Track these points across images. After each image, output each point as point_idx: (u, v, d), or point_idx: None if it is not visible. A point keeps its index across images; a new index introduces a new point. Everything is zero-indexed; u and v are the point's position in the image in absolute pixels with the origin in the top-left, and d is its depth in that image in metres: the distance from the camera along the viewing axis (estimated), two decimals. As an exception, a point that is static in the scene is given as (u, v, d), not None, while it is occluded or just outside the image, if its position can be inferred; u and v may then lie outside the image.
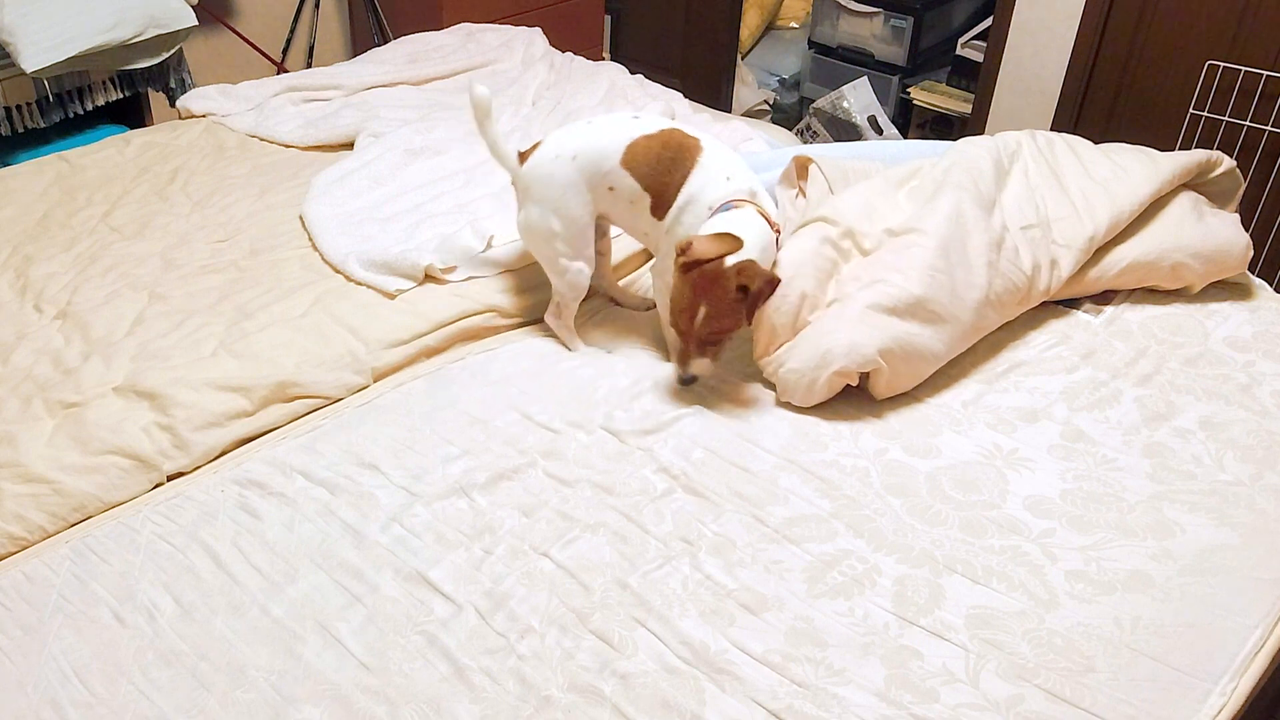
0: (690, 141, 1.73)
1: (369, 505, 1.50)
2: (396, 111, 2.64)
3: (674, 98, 2.81)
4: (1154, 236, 1.93)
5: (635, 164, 1.73)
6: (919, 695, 1.22)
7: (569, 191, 1.74)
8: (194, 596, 1.36)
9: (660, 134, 1.74)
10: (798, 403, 1.68)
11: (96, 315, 1.89)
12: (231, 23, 3.59)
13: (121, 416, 1.63)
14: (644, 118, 1.78)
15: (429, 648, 1.28)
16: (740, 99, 4.19)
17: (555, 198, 1.75)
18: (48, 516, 1.50)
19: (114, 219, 2.24)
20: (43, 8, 2.70)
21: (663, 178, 1.71)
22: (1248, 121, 2.79)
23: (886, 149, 2.28)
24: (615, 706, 1.21)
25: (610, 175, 1.74)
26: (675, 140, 1.73)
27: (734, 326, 1.62)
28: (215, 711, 1.21)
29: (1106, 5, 3.01)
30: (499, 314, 1.94)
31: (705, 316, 1.58)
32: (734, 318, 1.60)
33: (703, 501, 1.50)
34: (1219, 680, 1.24)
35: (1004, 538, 1.44)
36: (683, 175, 1.71)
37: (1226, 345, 1.83)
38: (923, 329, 1.69)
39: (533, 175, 1.76)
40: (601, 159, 1.73)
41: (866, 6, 3.94)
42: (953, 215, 1.78)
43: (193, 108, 2.76)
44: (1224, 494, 1.51)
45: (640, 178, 1.73)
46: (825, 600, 1.34)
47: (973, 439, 1.63)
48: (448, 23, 3.35)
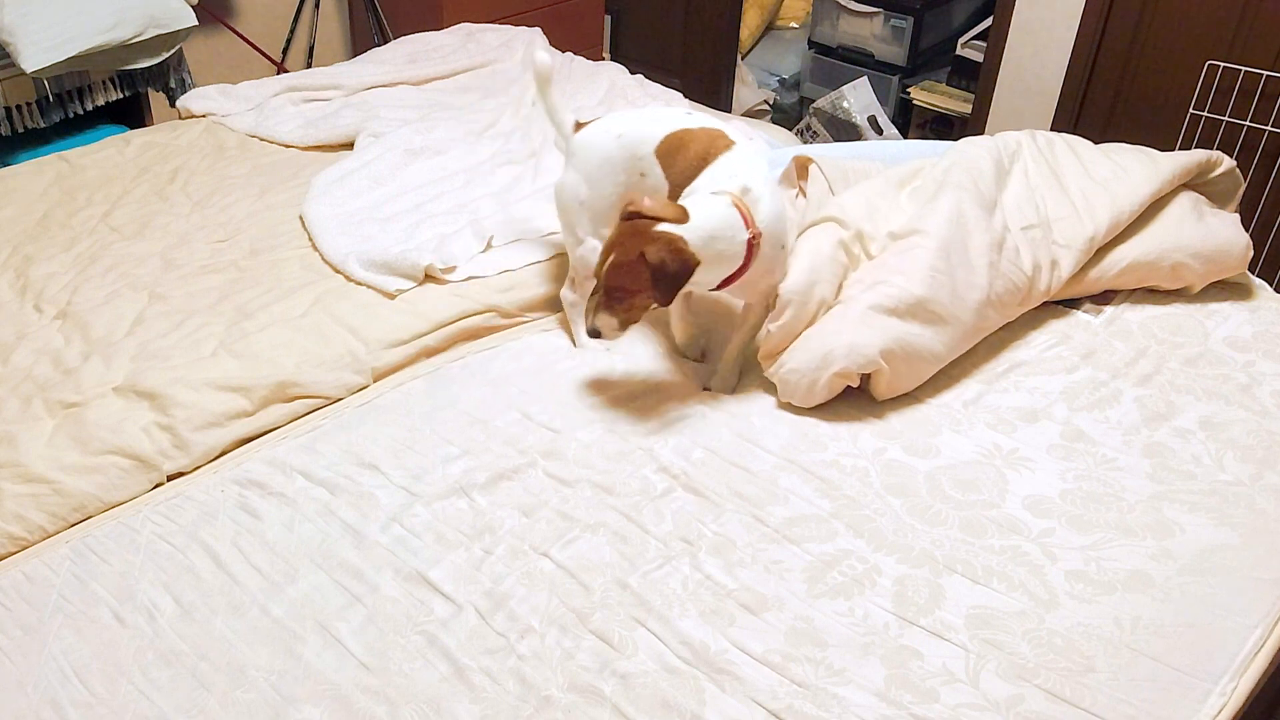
0: (723, 142, 1.71)
1: (369, 505, 1.50)
2: (396, 111, 2.64)
3: (674, 98, 2.81)
4: (1154, 236, 1.93)
5: (666, 155, 1.74)
6: (919, 695, 1.22)
7: (605, 166, 1.79)
8: (194, 596, 1.36)
9: (700, 131, 1.75)
10: (799, 403, 1.68)
11: (96, 315, 1.89)
12: (231, 23, 3.59)
13: (121, 416, 1.63)
14: (696, 115, 1.80)
15: (429, 648, 1.28)
16: (740, 99, 4.19)
17: (592, 168, 1.80)
18: (48, 516, 1.50)
19: (114, 219, 2.24)
20: (43, 8, 2.70)
21: (686, 172, 1.72)
22: (1248, 121, 2.79)
23: (886, 149, 2.28)
24: (615, 706, 1.21)
25: (644, 161, 1.76)
26: (708, 138, 1.73)
27: (635, 289, 1.54)
28: (215, 711, 1.21)
29: (1106, 5, 3.01)
30: (499, 314, 1.94)
31: (611, 264, 1.54)
32: (635, 279, 1.53)
33: (703, 501, 1.50)
34: (1219, 680, 1.24)
35: (1004, 537, 1.44)
36: (699, 171, 1.71)
37: (1226, 345, 1.83)
38: (923, 330, 1.69)
39: (579, 143, 1.83)
40: (641, 143, 1.77)
41: (866, 6, 3.94)
42: (953, 216, 1.78)
43: (193, 108, 2.76)
44: (1224, 494, 1.51)
45: (667, 168, 1.74)
46: (825, 600, 1.34)
47: (972, 439, 1.63)
48: (448, 23, 3.35)
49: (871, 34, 3.98)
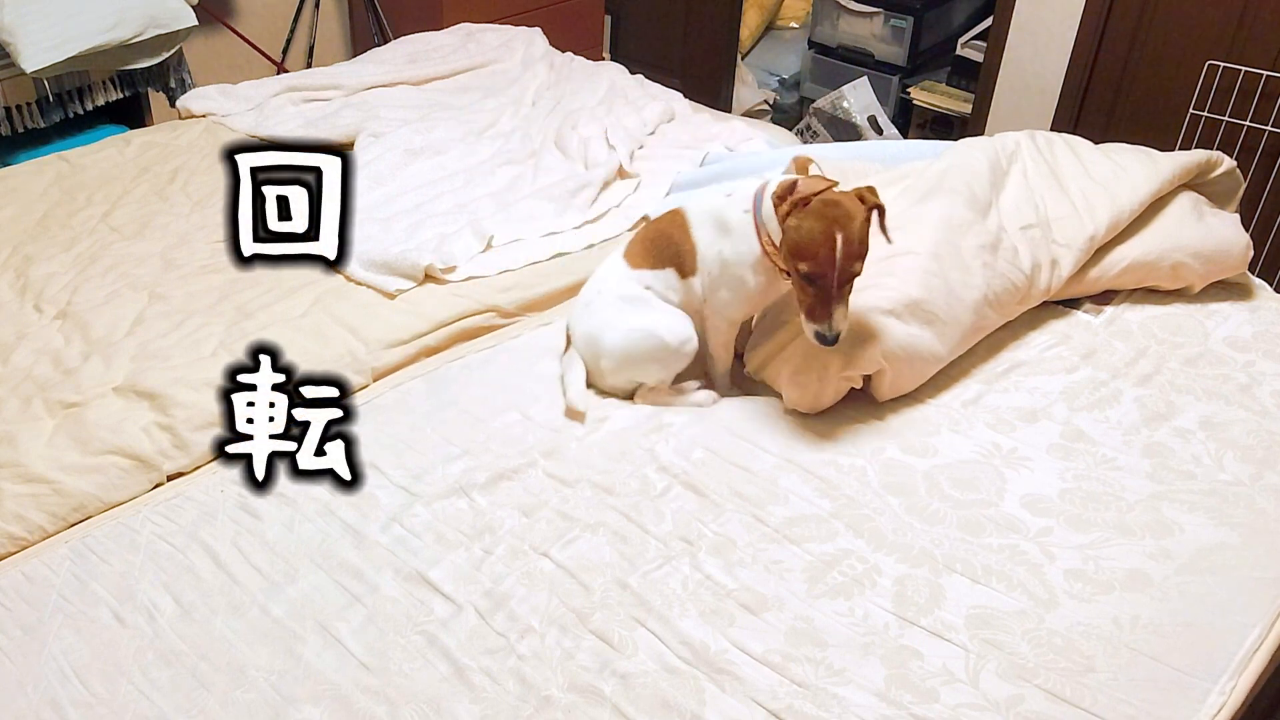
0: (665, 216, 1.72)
1: (369, 505, 1.50)
2: (396, 111, 2.64)
3: (674, 98, 2.81)
4: (1154, 236, 1.93)
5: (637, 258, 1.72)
6: (919, 695, 1.22)
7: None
8: (194, 596, 1.36)
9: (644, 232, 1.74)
10: (805, 410, 1.66)
11: (96, 315, 1.89)
12: (231, 23, 3.59)
13: (121, 416, 1.63)
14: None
15: (429, 648, 1.28)
16: (740, 99, 4.19)
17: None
18: (48, 516, 1.50)
19: (114, 219, 2.24)
20: (43, 8, 2.70)
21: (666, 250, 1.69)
22: (1248, 121, 2.79)
23: (886, 149, 2.28)
24: (615, 706, 1.21)
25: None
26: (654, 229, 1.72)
27: (859, 257, 1.49)
28: (215, 711, 1.21)
29: (1106, 5, 3.01)
30: (499, 314, 1.94)
31: (844, 239, 1.44)
32: (865, 243, 1.48)
33: (703, 501, 1.50)
34: (1218, 679, 1.24)
35: (1002, 536, 1.44)
36: (683, 230, 1.67)
37: (1226, 345, 1.83)
38: (924, 330, 1.69)
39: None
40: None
41: (866, 6, 3.94)
42: (942, 223, 1.78)
43: (193, 108, 2.76)
44: (1223, 494, 1.51)
45: (651, 265, 1.70)
46: (825, 600, 1.34)
47: (972, 439, 1.62)
48: (448, 23, 3.35)
49: (871, 34, 3.98)
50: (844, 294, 1.49)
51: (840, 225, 1.45)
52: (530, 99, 2.77)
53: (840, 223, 1.45)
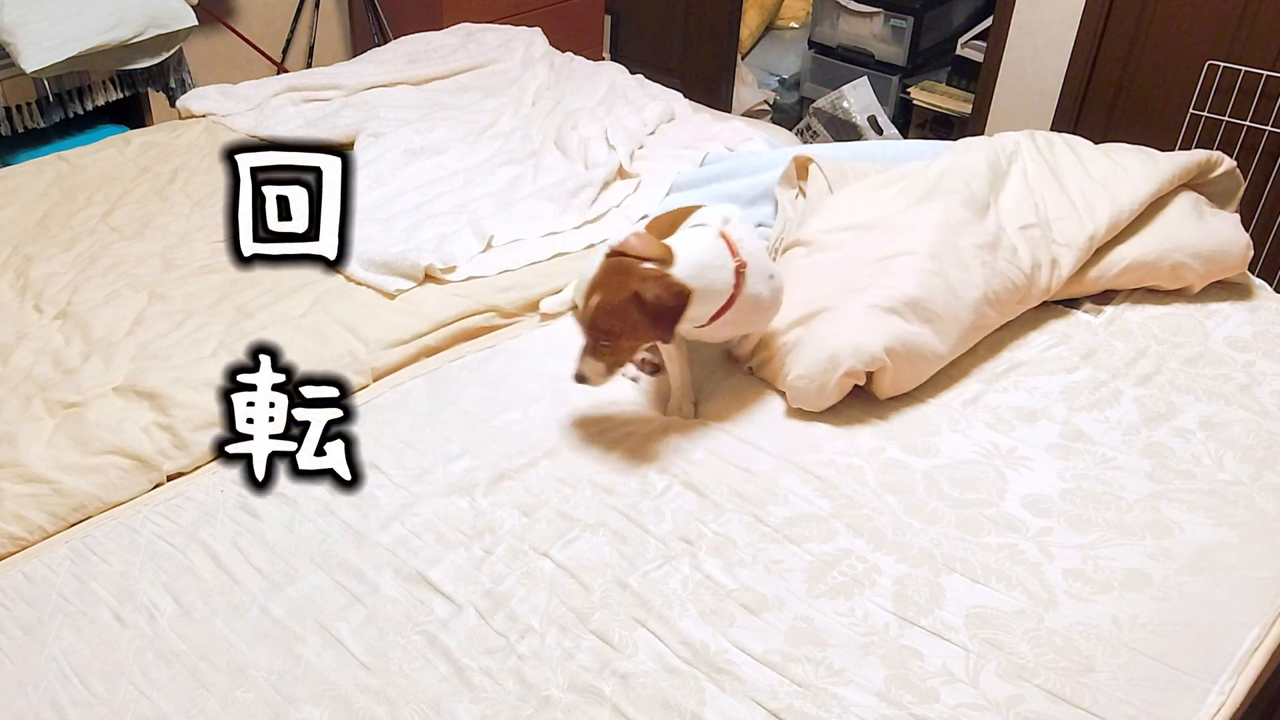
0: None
1: (369, 505, 1.50)
2: (396, 111, 2.64)
3: (674, 98, 2.81)
4: (1154, 236, 1.93)
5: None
6: (919, 695, 1.22)
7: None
8: (194, 596, 1.36)
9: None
10: (810, 408, 1.66)
11: (96, 315, 1.89)
12: (231, 23, 3.59)
13: (121, 416, 1.63)
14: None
15: (429, 648, 1.28)
16: (740, 99, 4.19)
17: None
18: (48, 516, 1.50)
19: (114, 219, 2.24)
20: (43, 8, 2.70)
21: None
22: (1248, 121, 2.79)
23: (886, 149, 2.28)
24: (615, 706, 1.21)
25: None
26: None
27: (622, 331, 1.49)
28: (215, 711, 1.21)
29: (1106, 5, 3.01)
30: (499, 314, 1.94)
31: (598, 307, 1.48)
32: (623, 320, 1.47)
33: (703, 501, 1.50)
34: (1218, 679, 1.24)
35: (1001, 535, 1.44)
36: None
37: (1226, 345, 1.83)
38: (924, 329, 1.69)
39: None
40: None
41: (866, 6, 3.94)
42: (940, 223, 1.78)
43: (193, 108, 2.76)
44: (1223, 493, 1.51)
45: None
46: (825, 600, 1.34)
47: (971, 438, 1.63)
48: (448, 23, 3.35)
49: (871, 34, 3.98)
50: (600, 350, 1.51)
51: (600, 290, 1.48)
52: (530, 99, 2.77)
53: (601, 288, 1.48)
